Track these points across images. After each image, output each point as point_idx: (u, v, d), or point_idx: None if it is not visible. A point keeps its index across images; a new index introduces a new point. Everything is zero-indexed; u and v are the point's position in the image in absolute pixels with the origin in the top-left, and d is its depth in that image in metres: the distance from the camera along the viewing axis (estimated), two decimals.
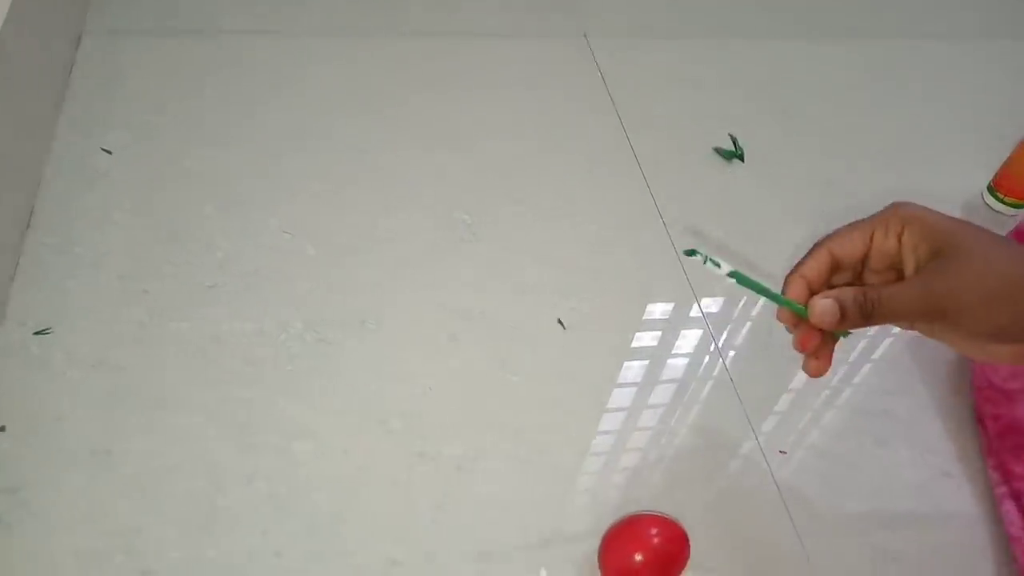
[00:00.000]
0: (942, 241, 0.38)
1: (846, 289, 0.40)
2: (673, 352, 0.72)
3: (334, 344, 0.67)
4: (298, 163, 0.81)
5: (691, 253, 0.40)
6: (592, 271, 0.77)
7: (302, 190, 0.79)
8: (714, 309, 0.75)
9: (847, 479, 0.65)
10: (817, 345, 0.41)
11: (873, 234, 0.41)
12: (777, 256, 0.80)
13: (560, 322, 0.72)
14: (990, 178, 0.90)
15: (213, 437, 0.60)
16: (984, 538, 0.63)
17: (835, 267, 0.41)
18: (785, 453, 0.66)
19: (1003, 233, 0.69)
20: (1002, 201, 0.88)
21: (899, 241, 0.40)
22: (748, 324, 0.75)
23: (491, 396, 0.66)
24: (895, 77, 1.09)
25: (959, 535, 0.63)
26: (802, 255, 0.42)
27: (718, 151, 0.91)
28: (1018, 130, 0.85)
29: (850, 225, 0.42)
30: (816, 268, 0.41)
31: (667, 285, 0.77)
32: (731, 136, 0.91)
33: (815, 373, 0.42)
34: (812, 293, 0.41)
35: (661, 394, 0.69)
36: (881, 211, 0.41)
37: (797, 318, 0.41)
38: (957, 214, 0.86)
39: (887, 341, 0.76)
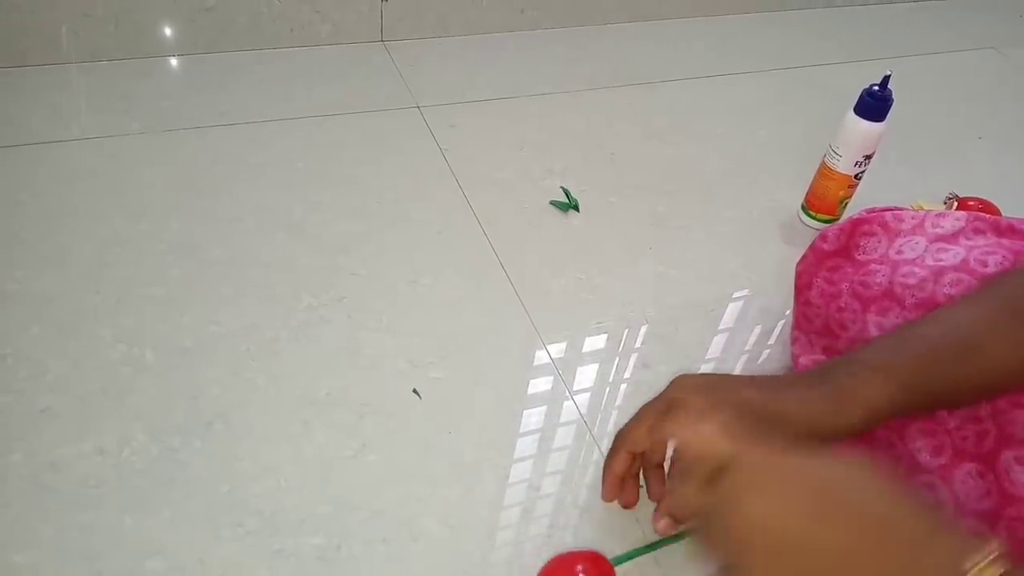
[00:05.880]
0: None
1: (667, 502, 0.53)
2: (529, 403, 0.74)
3: (181, 451, 0.65)
4: (127, 270, 0.79)
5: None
6: (443, 335, 0.78)
7: (135, 297, 0.77)
8: (562, 355, 0.78)
9: None
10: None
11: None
12: (626, 293, 0.84)
13: (416, 392, 0.73)
14: (803, 197, 0.97)
15: (54, 573, 0.57)
16: None
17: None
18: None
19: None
20: (814, 218, 0.96)
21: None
22: (596, 365, 0.78)
23: (349, 479, 0.65)
24: (709, 112, 1.18)
25: None
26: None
27: (554, 204, 0.94)
28: (822, 149, 0.93)
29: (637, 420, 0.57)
30: (622, 466, 0.58)
31: (517, 338, 0.79)
32: (563, 188, 0.96)
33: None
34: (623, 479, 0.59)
35: (523, 448, 0.70)
36: (664, 405, 0.55)
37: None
38: (777, 233, 0.95)
39: None
